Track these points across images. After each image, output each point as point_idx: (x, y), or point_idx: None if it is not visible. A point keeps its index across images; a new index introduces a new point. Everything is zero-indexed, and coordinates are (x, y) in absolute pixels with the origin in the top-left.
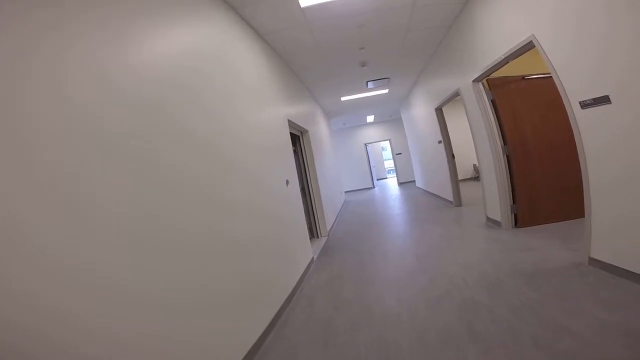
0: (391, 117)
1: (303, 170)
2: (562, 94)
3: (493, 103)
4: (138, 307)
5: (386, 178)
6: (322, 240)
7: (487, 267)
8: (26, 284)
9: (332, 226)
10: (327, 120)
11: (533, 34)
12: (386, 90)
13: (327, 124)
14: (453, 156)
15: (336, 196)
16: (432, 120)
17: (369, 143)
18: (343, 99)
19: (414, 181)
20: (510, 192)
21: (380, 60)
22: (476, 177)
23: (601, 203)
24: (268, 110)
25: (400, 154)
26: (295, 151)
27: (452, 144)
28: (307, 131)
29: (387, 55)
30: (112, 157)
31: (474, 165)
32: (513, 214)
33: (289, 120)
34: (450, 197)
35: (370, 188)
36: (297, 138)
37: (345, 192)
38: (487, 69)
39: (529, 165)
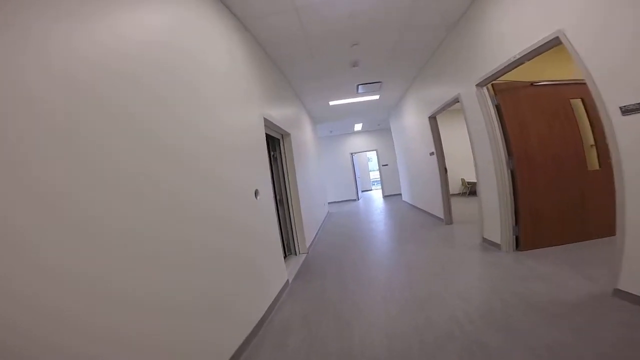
0: (379, 126)
1: (282, 179)
2: (595, 98)
3: (498, 110)
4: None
5: (371, 190)
6: (301, 258)
7: (492, 298)
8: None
9: (312, 242)
10: (313, 125)
11: (561, 29)
12: (377, 97)
13: (313, 129)
14: (446, 170)
15: (319, 208)
16: (424, 130)
17: (355, 153)
18: (332, 103)
19: (400, 194)
20: (513, 211)
21: (373, 60)
22: (465, 193)
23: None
24: (237, 102)
25: (387, 165)
26: (274, 157)
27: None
28: (288, 135)
29: (381, 56)
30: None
31: (463, 180)
32: (514, 236)
33: (265, 119)
34: (440, 214)
35: (354, 200)
36: (277, 142)
37: (329, 203)
38: (495, 71)
39: (534, 180)
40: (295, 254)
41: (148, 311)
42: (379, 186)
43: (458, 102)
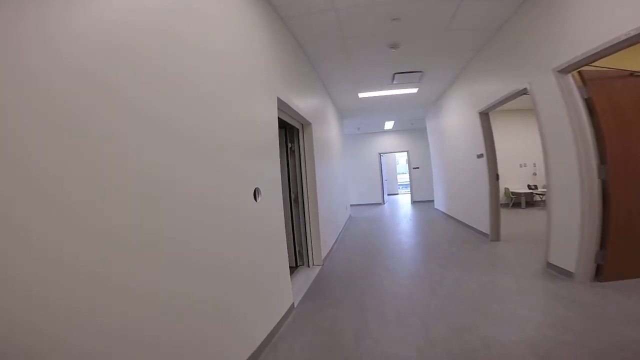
0: (413, 125)
1: (299, 175)
2: None
3: (587, 104)
4: None
5: (397, 194)
6: (313, 272)
7: (581, 354)
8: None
9: (329, 252)
10: (339, 120)
11: None
12: (415, 90)
13: (339, 124)
14: (497, 176)
15: (339, 211)
16: (471, 128)
17: (384, 153)
18: (361, 95)
19: (432, 201)
20: (599, 233)
21: (417, 42)
22: (508, 204)
23: None
24: (241, 71)
25: (418, 168)
26: (291, 149)
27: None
28: (309, 124)
29: (427, 36)
30: None
31: (506, 190)
32: (596, 263)
33: (280, 101)
34: (484, 228)
35: (380, 204)
36: (295, 132)
37: (351, 205)
38: (589, 54)
39: (634, 194)
40: (308, 265)
41: None
42: (407, 190)
43: (525, 94)
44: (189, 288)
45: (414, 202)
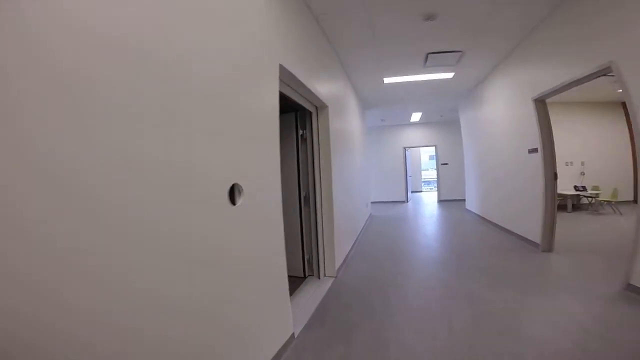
0: (442, 117)
1: (311, 168)
2: None
3: None
4: None
5: (421, 191)
6: (324, 286)
7: None
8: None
9: (345, 260)
10: (360, 108)
11: None
12: (451, 75)
13: (361, 113)
14: (555, 175)
15: (359, 212)
16: (523, 119)
17: (409, 147)
18: (387, 80)
19: (462, 200)
20: None
21: (457, 14)
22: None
23: None
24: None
25: (447, 164)
26: (302, 136)
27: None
28: (325, 107)
29: (470, 6)
30: None
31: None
32: None
33: (283, 69)
34: (533, 236)
35: (403, 202)
36: (308, 115)
37: (372, 202)
38: None
39: None
40: (319, 277)
41: None
42: (431, 187)
43: (606, 74)
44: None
45: (440, 200)
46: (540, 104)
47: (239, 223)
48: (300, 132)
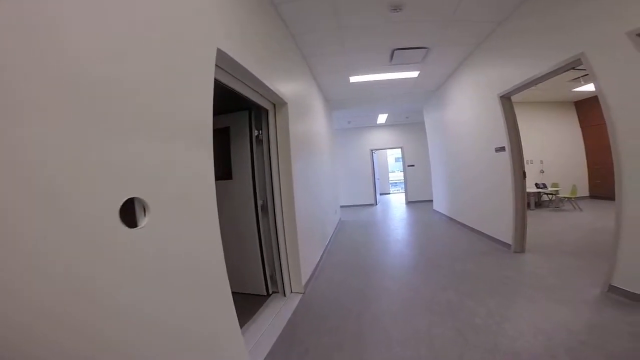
0: (408, 119)
1: (267, 173)
2: None
3: None
4: None
5: (389, 193)
6: (291, 305)
7: None
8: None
9: (314, 270)
10: (327, 109)
11: None
12: (416, 74)
13: (328, 115)
14: (524, 174)
15: (327, 217)
16: (489, 117)
17: (376, 149)
18: (353, 79)
19: (429, 201)
20: None
21: (424, 4)
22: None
23: None
24: None
25: (413, 165)
26: (257, 138)
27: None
28: (284, 104)
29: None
30: None
31: None
32: None
33: (221, 54)
34: (504, 237)
35: (372, 205)
36: (264, 115)
37: (340, 207)
38: None
39: None
40: (284, 294)
41: None
42: (398, 189)
43: (575, 67)
44: None
45: (408, 202)
46: (507, 101)
47: (141, 253)
48: (255, 132)
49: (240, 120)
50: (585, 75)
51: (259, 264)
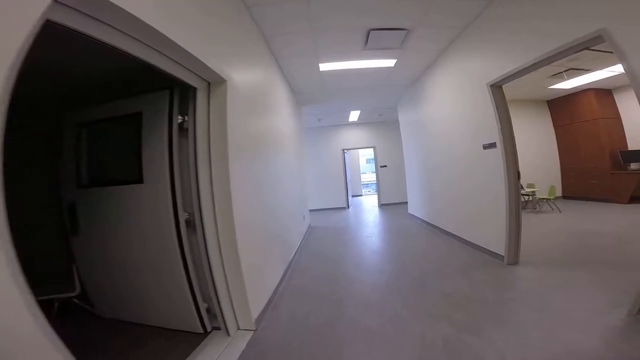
0: (380, 116)
1: (193, 177)
2: None
3: None
4: None
5: (361, 195)
6: (236, 349)
7: None
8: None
9: (271, 298)
10: (294, 103)
11: None
12: (392, 62)
13: (295, 110)
14: (519, 174)
15: (293, 226)
16: (476, 109)
17: (348, 149)
18: (323, 67)
19: (403, 203)
20: None
21: None
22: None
23: None
24: None
25: (386, 166)
26: (181, 126)
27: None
28: (222, 82)
29: None
30: None
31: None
32: None
33: None
34: (494, 247)
35: (344, 208)
36: (191, 95)
37: (310, 211)
38: None
39: None
40: (227, 332)
41: None
42: (369, 190)
43: (588, 47)
44: None
45: (381, 205)
46: (498, 90)
47: None
48: (179, 119)
49: (158, 102)
50: (570, 70)
51: (186, 294)
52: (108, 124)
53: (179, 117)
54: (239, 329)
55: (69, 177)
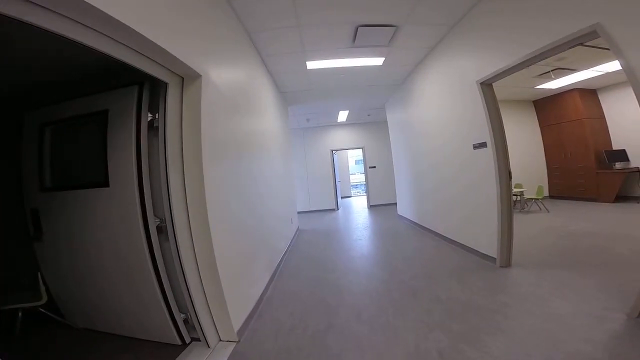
0: (369, 117)
1: (164, 179)
2: None
3: None
4: None
5: (350, 196)
6: None
7: None
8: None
9: (256, 306)
10: (281, 102)
11: None
12: (380, 61)
13: (282, 110)
14: (510, 174)
15: (280, 230)
16: (466, 109)
17: (337, 150)
18: (310, 65)
19: (392, 204)
20: None
21: None
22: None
23: None
24: None
25: (375, 167)
26: (151, 125)
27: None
28: (197, 77)
29: None
30: None
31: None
32: None
33: None
34: (485, 249)
35: (333, 210)
36: (162, 90)
37: (298, 213)
38: None
39: None
40: (207, 345)
41: None
42: (358, 191)
43: (582, 43)
44: None
45: (371, 206)
46: (488, 88)
47: None
48: (149, 117)
49: (125, 99)
50: (557, 69)
51: (160, 304)
52: (72, 124)
53: (149, 114)
54: (220, 340)
55: (31, 180)
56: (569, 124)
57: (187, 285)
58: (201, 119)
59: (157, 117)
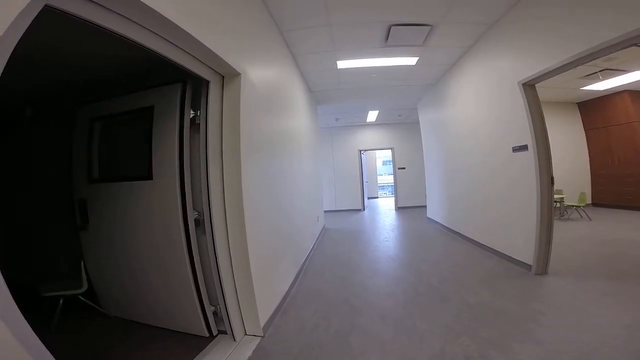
0: (400, 117)
1: (204, 173)
2: None
3: None
4: None
5: (377, 197)
6: (241, 355)
7: None
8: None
9: (281, 303)
10: (311, 102)
11: None
12: (414, 60)
13: (311, 109)
14: (552, 180)
15: (305, 231)
16: (505, 110)
17: (364, 150)
18: (341, 64)
19: (421, 207)
20: None
21: None
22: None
23: None
24: None
25: (404, 168)
26: (193, 121)
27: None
28: (236, 75)
29: None
30: None
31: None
32: None
33: None
34: (521, 256)
35: (359, 210)
36: (203, 90)
37: (325, 211)
38: None
39: None
40: (233, 337)
41: None
42: (385, 192)
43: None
44: None
45: (398, 208)
46: (530, 89)
47: None
48: (192, 113)
49: (169, 96)
50: (605, 70)
51: (192, 296)
52: (119, 119)
53: (191, 111)
54: (246, 334)
55: (80, 172)
56: (617, 127)
57: (220, 279)
58: (240, 116)
59: (198, 113)
